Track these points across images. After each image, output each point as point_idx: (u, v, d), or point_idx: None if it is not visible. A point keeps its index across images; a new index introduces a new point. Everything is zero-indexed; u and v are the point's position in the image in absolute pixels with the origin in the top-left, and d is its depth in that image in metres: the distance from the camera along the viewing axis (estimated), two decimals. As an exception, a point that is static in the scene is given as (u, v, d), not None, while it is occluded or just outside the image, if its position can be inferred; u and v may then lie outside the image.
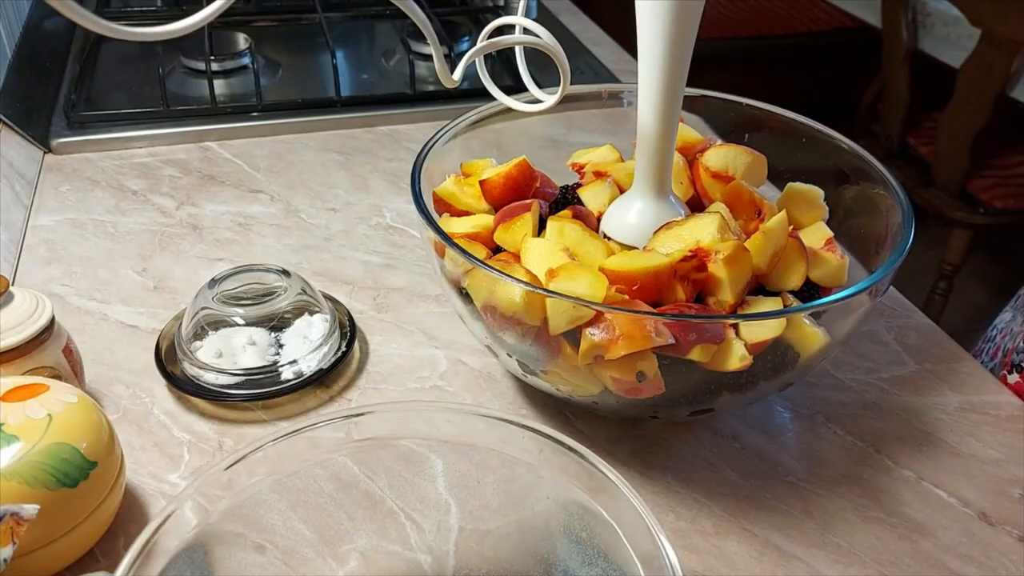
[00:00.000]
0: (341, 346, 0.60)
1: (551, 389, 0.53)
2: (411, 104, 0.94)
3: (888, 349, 0.64)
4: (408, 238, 0.75)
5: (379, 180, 0.83)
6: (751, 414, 0.57)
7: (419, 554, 0.44)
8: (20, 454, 0.42)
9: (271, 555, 0.42)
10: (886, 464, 0.55)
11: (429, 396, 0.58)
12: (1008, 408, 0.59)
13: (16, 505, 0.39)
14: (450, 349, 0.62)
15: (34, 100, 0.89)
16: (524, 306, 0.47)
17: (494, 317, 0.49)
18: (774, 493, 0.52)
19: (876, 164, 0.57)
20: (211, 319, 0.58)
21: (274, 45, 1.04)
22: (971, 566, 0.48)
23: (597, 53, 1.10)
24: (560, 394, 0.53)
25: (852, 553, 0.49)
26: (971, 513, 0.51)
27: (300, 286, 0.60)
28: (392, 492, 0.44)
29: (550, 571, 0.43)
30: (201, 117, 0.90)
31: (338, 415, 0.44)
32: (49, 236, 0.73)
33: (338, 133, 0.91)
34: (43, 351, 0.51)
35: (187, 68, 0.98)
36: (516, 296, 0.46)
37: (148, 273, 0.69)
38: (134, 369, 0.59)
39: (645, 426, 0.56)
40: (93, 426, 0.45)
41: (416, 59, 1.01)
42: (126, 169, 0.83)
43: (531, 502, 0.44)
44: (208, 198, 0.79)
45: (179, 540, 0.38)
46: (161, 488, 0.51)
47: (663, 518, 0.50)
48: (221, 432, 0.55)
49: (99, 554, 0.47)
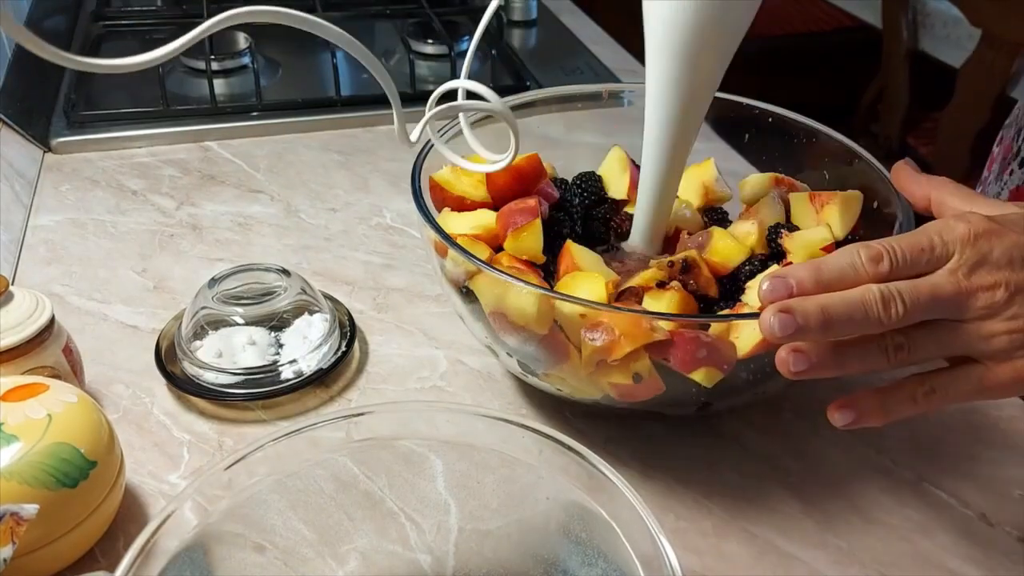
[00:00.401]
0: (341, 346, 0.60)
1: (551, 389, 0.53)
2: (411, 104, 0.93)
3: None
4: (408, 238, 0.75)
5: (379, 180, 0.83)
6: (751, 414, 0.57)
7: (419, 554, 0.44)
8: (20, 454, 0.42)
9: (271, 555, 0.42)
10: (886, 464, 0.55)
11: (429, 396, 0.58)
12: (1008, 408, 0.59)
13: (16, 505, 0.39)
14: (450, 349, 0.62)
15: (34, 100, 0.89)
16: (536, 316, 0.47)
17: (502, 323, 0.49)
18: (774, 493, 0.52)
19: (875, 163, 0.57)
20: (211, 319, 0.58)
21: (274, 45, 1.04)
22: (971, 566, 0.48)
23: (597, 52, 1.10)
24: (560, 394, 0.53)
25: (852, 553, 0.49)
26: (971, 514, 0.51)
27: (300, 286, 0.60)
28: (392, 492, 0.44)
29: (550, 571, 0.43)
30: (201, 117, 0.90)
31: (338, 415, 0.44)
32: (49, 236, 0.73)
33: (338, 133, 0.91)
34: (43, 351, 0.51)
35: (187, 68, 0.98)
36: (529, 306, 0.46)
37: (148, 273, 0.69)
38: (134, 369, 0.59)
39: (645, 426, 0.56)
40: (93, 426, 0.45)
41: (416, 59, 1.01)
42: (126, 169, 0.83)
43: (531, 502, 0.44)
44: (208, 198, 0.79)
45: (179, 540, 0.38)
46: (161, 488, 0.51)
47: (663, 518, 0.50)
48: (221, 432, 0.55)
49: (99, 554, 0.47)
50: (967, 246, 0.41)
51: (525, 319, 0.47)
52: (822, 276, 0.40)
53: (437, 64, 1.04)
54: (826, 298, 0.40)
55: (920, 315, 0.40)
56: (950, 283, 0.40)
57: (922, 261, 0.41)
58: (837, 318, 0.39)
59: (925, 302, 0.40)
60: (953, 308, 0.41)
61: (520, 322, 0.47)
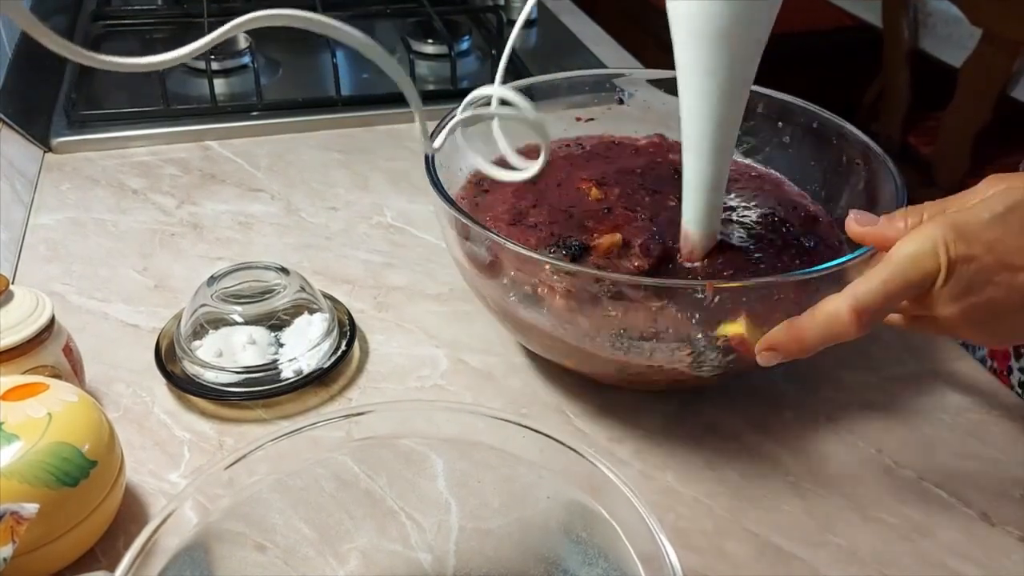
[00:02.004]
0: (341, 344, 0.60)
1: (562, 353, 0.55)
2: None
3: (889, 348, 0.64)
4: (408, 237, 0.75)
5: (379, 179, 0.83)
6: (751, 414, 0.57)
7: (419, 553, 0.44)
8: (20, 453, 0.42)
9: (272, 554, 0.42)
10: (887, 464, 0.55)
11: (430, 395, 0.58)
12: (1008, 408, 0.59)
13: (16, 504, 0.39)
14: (451, 348, 0.62)
15: (34, 99, 0.89)
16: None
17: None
18: (774, 493, 0.52)
19: (880, 152, 0.58)
20: (210, 317, 0.58)
21: (274, 44, 1.04)
22: (971, 566, 0.48)
23: (597, 52, 1.10)
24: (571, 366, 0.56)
25: (852, 553, 0.49)
26: (972, 513, 0.51)
27: (299, 284, 0.60)
28: (392, 491, 0.44)
29: (550, 570, 0.43)
30: (201, 116, 0.90)
31: (338, 414, 0.44)
32: (49, 235, 0.73)
33: (338, 132, 0.91)
34: (43, 350, 0.51)
35: (187, 67, 0.98)
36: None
37: (148, 272, 0.69)
38: (134, 368, 0.59)
39: (646, 426, 0.56)
40: (93, 425, 0.45)
41: (416, 58, 1.01)
42: (126, 168, 0.83)
43: (531, 501, 0.44)
44: (208, 197, 0.79)
45: (180, 539, 0.38)
46: (161, 487, 0.51)
47: (663, 518, 0.50)
48: (221, 431, 0.55)
49: (99, 553, 0.47)
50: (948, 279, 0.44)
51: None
52: (805, 347, 0.46)
53: (437, 64, 1.04)
54: (802, 333, 0.46)
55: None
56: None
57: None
58: (813, 347, 0.46)
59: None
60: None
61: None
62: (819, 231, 0.59)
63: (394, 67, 0.38)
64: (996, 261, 0.43)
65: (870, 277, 0.44)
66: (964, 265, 0.43)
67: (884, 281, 0.44)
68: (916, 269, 0.43)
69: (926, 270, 0.43)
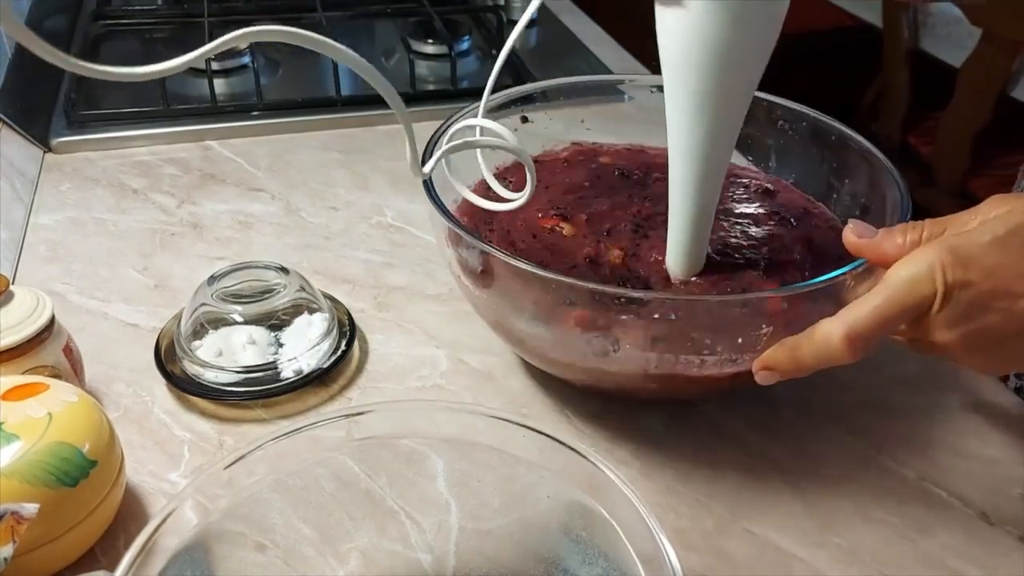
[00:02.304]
0: (341, 344, 0.60)
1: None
2: (411, 103, 0.93)
3: (889, 348, 0.63)
4: (408, 237, 0.75)
5: (379, 179, 0.83)
6: (751, 414, 0.57)
7: (419, 553, 0.44)
8: (20, 453, 0.42)
9: (271, 554, 0.42)
10: (887, 464, 0.54)
11: (430, 395, 0.58)
12: (1008, 408, 0.59)
13: (16, 504, 0.39)
14: (451, 348, 0.62)
15: (34, 99, 0.89)
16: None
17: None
18: (774, 492, 0.52)
19: (880, 156, 0.58)
20: (210, 316, 0.58)
21: (274, 44, 1.04)
22: (971, 566, 0.48)
23: (597, 52, 1.10)
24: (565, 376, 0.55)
25: (852, 553, 0.49)
26: (972, 513, 0.51)
27: (299, 283, 0.60)
28: (392, 491, 0.44)
29: (550, 570, 0.43)
30: (201, 116, 0.90)
31: (338, 414, 0.44)
32: (49, 235, 0.73)
33: (338, 132, 0.91)
34: (43, 350, 0.51)
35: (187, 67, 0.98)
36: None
37: (149, 272, 0.69)
38: (134, 368, 0.59)
39: (646, 425, 0.56)
40: (93, 425, 0.45)
41: (416, 58, 1.01)
42: (126, 168, 0.83)
43: (531, 501, 0.44)
44: (208, 197, 0.79)
45: (179, 539, 0.38)
46: (161, 487, 0.51)
47: (663, 518, 0.50)
48: (221, 431, 0.55)
49: (99, 553, 0.47)
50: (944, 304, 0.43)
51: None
52: (802, 368, 0.46)
53: (437, 64, 1.04)
54: (798, 354, 0.46)
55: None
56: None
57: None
58: (809, 368, 0.46)
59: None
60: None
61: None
62: (817, 240, 0.58)
63: (387, 88, 0.38)
64: (994, 287, 0.41)
65: (864, 302, 0.43)
66: (961, 291, 0.41)
67: (877, 307, 0.42)
68: (911, 294, 0.42)
69: (922, 295, 0.42)
